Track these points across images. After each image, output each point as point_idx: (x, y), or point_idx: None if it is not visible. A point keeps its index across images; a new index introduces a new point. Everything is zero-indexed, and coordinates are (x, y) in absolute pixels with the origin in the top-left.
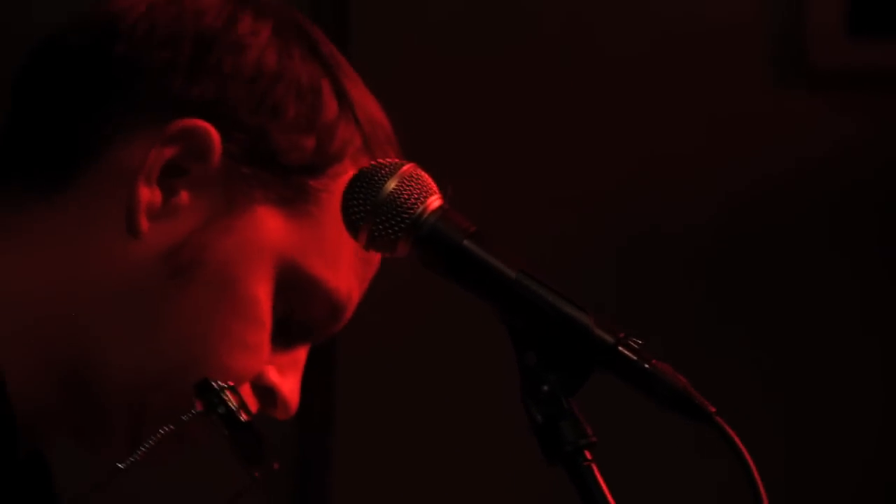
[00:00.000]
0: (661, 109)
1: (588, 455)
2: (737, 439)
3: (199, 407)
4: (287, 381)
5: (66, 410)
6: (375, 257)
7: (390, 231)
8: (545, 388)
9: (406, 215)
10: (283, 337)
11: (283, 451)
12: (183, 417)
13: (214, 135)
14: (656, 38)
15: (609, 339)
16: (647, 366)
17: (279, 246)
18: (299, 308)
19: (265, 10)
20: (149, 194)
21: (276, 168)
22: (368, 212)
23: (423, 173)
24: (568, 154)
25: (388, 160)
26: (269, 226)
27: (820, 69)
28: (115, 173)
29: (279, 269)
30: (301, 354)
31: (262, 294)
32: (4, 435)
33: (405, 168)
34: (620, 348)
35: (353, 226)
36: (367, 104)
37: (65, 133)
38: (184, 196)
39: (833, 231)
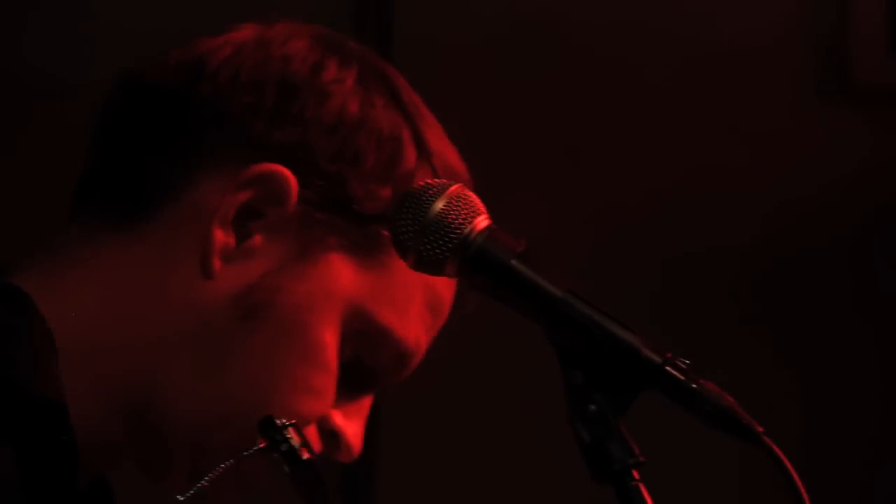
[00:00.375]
0: (702, 126)
1: (636, 475)
2: (784, 458)
3: (261, 443)
4: (351, 426)
5: (130, 443)
6: (444, 308)
7: (438, 251)
8: (593, 407)
9: (454, 235)
10: (350, 383)
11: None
12: (244, 453)
13: (292, 180)
14: (697, 54)
15: (657, 359)
16: (694, 385)
17: (350, 293)
18: (367, 354)
19: (350, 57)
20: (223, 236)
21: (352, 216)
22: (416, 232)
23: (470, 193)
24: (608, 171)
25: (436, 180)
26: (341, 272)
27: (862, 86)
28: (191, 213)
29: (349, 315)
30: (367, 400)
31: (330, 339)
32: (67, 466)
33: (453, 188)
34: (668, 368)
35: (400, 246)
36: (446, 153)
37: (145, 171)
38: (258, 239)
39: (873, 248)
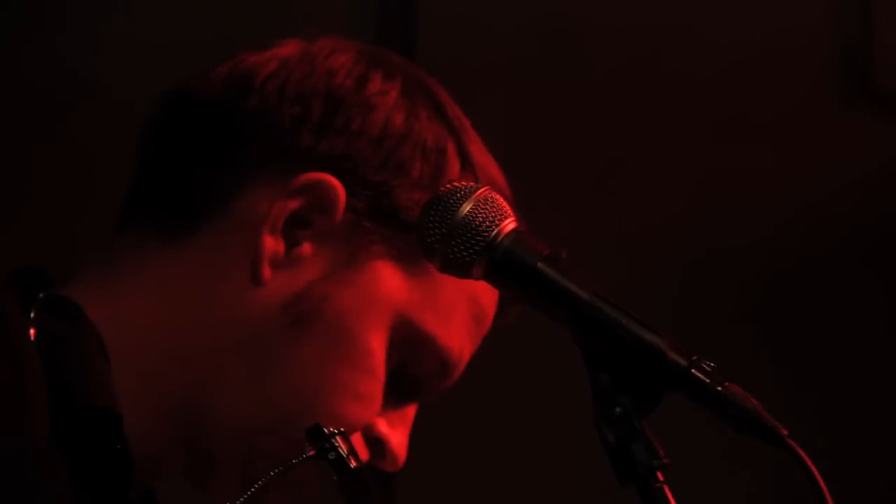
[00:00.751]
0: (725, 131)
1: (660, 476)
2: (809, 462)
3: (309, 451)
4: (396, 434)
5: (177, 450)
6: (487, 318)
7: (465, 254)
8: (618, 409)
9: (481, 238)
10: (395, 391)
11: None
12: (293, 461)
13: (340, 189)
14: (721, 61)
15: (682, 361)
16: (719, 388)
17: (396, 301)
18: (412, 362)
19: (394, 71)
20: (273, 244)
21: (398, 225)
22: (444, 234)
23: (497, 196)
24: (631, 176)
25: (464, 183)
26: (388, 281)
27: (884, 91)
28: (240, 222)
29: (395, 323)
30: (410, 410)
31: (377, 347)
32: (121, 476)
33: (480, 192)
34: (693, 371)
35: (427, 248)
36: (489, 166)
37: (193, 182)
38: (307, 247)
39: (895, 252)
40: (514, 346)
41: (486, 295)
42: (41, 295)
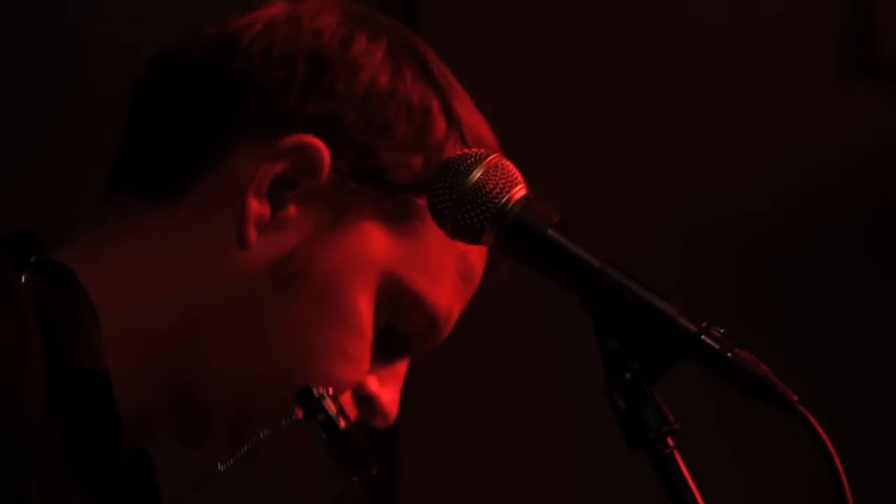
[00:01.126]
0: (727, 100)
1: (670, 442)
2: (819, 428)
3: (298, 412)
4: (387, 392)
5: (170, 411)
6: (476, 276)
7: (475, 220)
8: (628, 375)
9: (491, 205)
10: (385, 349)
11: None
12: (282, 422)
13: (325, 151)
14: (722, 28)
15: (692, 328)
16: (729, 355)
17: (383, 260)
18: (400, 321)
19: (379, 31)
20: (258, 206)
21: (384, 185)
22: (454, 201)
23: (508, 163)
24: (633, 148)
25: (474, 150)
26: (375, 241)
27: (885, 60)
28: (226, 185)
29: (382, 282)
30: (401, 367)
31: (365, 306)
32: (111, 437)
33: (491, 158)
34: (703, 337)
35: (438, 215)
36: (476, 124)
37: (180, 144)
38: (292, 209)
39: None
40: (514, 337)
41: (474, 253)
42: (32, 259)
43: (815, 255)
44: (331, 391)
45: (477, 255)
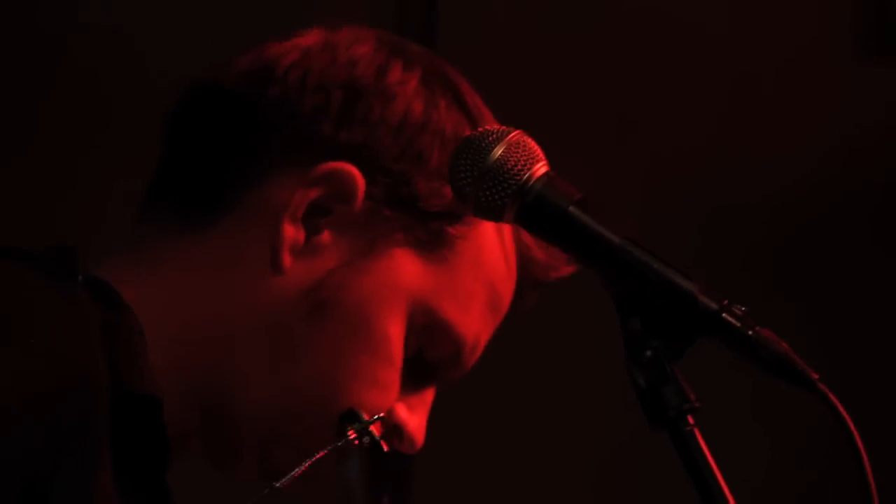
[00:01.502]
0: (744, 80)
1: (691, 420)
2: (839, 406)
3: (351, 435)
4: (414, 419)
5: (201, 433)
6: (504, 305)
7: (497, 197)
8: (648, 353)
9: (513, 182)
10: (413, 377)
11: None
12: (337, 444)
13: (359, 178)
14: (739, 8)
15: (713, 305)
16: (750, 332)
17: (415, 288)
18: (429, 349)
19: (414, 60)
20: (293, 232)
21: (417, 213)
22: (475, 178)
23: (529, 140)
24: (646, 130)
25: (496, 127)
26: (407, 268)
27: None
28: (261, 210)
29: (413, 310)
30: (429, 395)
31: (395, 334)
32: (159, 461)
33: (512, 135)
34: (724, 315)
35: (459, 192)
36: None
37: (215, 170)
38: (326, 236)
39: None
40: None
41: (503, 282)
42: (80, 278)
43: (831, 234)
44: (378, 415)
45: (506, 285)
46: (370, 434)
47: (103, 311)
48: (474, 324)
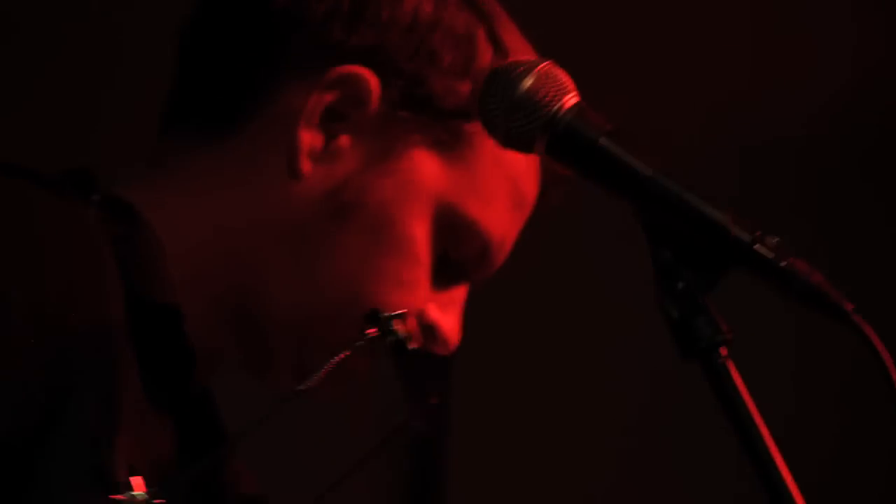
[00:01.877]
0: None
1: (723, 352)
2: (874, 337)
3: (371, 332)
4: (447, 318)
5: (234, 343)
6: (528, 202)
7: (527, 128)
8: (680, 285)
9: (542, 113)
10: (442, 277)
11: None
12: (356, 344)
13: (373, 80)
14: None
15: (746, 236)
16: (783, 264)
17: (436, 187)
18: (455, 248)
19: None
20: (310, 138)
21: (433, 112)
22: (505, 109)
23: (559, 71)
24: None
25: (525, 58)
26: (426, 168)
27: None
28: (277, 118)
29: (436, 209)
30: (460, 293)
31: (419, 233)
32: (184, 369)
33: (542, 66)
34: (757, 246)
35: (489, 124)
36: (523, 51)
37: (229, 82)
38: (344, 140)
39: None
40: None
41: (527, 178)
42: (95, 196)
43: (865, 167)
44: (400, 312)
45: (529, 181)
46: (393, 332)
47: (118, 226)
48: (499, 220)
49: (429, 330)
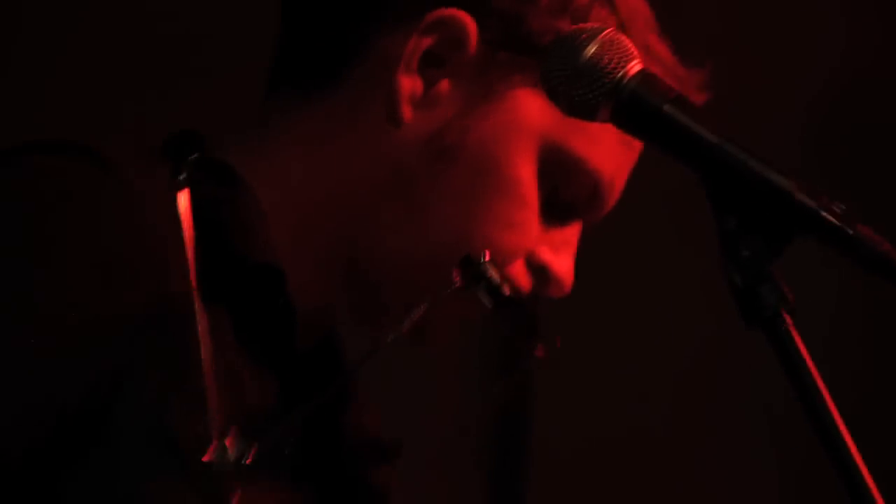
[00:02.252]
0: None
1: (788, 319)
2: None
3: (457, 279)
4: (560, 259)
5: (346, 297)
6: (636, 142)
7: (590, 96)
8: (745, 253)
9: (606, 80)
10: (553, 218)
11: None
12: (449, 289)
13: (470, 23)
14: None
15: (812, 203)
16: (850, 231)
17: (540, 126)
18: (564, 188)
19: None
20: (410, 83)
21: (533, 52)
22: (568, 77)
23: (623, 38)
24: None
25: (589, 25)
26: (529, 108)
27: None
28: (376, 67)
29: (541, 149)
30: (572, 234)
31: (526, 174)
32: (285, 327)
33: (606, 33)
34: (823, 213)
35: (552, 91)
36: None
37: (329, 33)
38: (444, 84)
39: None
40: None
41: None
42: (191, 157)
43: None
44: (488, 257)
45: None
46: (486, 278)
47: (212, 188)
48: (607, 158)
49: (540, 272)
